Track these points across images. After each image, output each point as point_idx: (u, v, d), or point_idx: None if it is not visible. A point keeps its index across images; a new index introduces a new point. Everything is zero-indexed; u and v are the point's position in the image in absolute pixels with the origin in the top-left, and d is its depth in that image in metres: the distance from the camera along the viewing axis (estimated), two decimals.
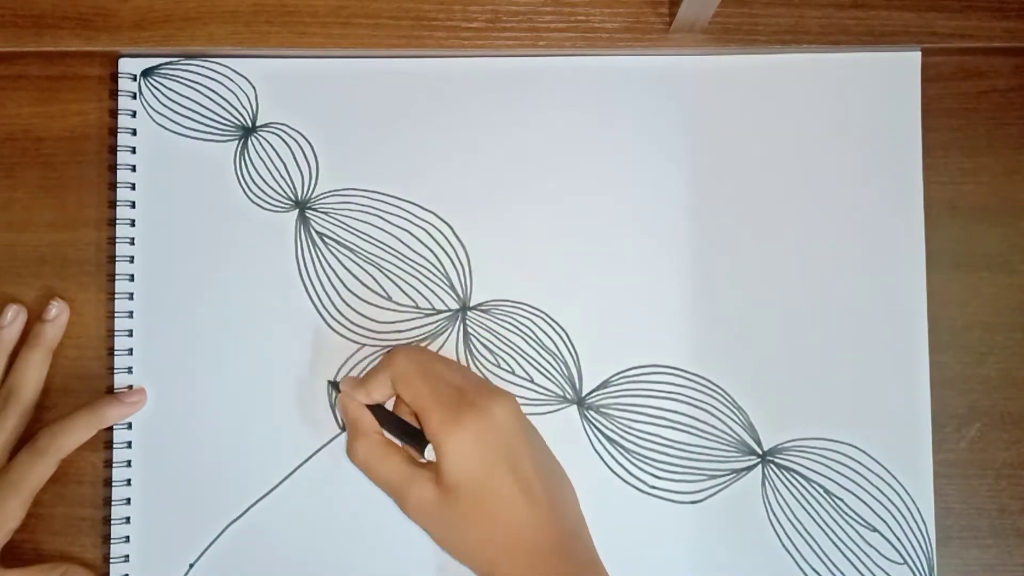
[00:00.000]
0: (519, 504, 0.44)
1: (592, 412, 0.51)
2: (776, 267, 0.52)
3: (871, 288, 0.51)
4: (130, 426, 0.50)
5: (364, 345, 0.51)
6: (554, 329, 0.51)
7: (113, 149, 0.52)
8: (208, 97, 0.52)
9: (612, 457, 0.51)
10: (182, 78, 0.52)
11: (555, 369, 0.51)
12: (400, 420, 0.47)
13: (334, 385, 0.50)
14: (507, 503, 0.43)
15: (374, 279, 0.52)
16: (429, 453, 0.44)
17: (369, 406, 0.48)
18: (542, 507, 0.44)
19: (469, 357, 0.51)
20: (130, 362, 0.51)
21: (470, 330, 0.51)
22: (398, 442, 0.47)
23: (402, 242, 0.52)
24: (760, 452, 0.51)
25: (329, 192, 0.52)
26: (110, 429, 0.50)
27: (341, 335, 0.51)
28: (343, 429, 0.51)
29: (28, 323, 0.51)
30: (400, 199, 0.52)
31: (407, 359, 0.46)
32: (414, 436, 0.46)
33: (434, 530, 0.45)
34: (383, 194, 0.52)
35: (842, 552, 0.50)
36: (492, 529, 0.43)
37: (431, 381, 0.45)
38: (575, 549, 0.44)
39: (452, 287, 0.52)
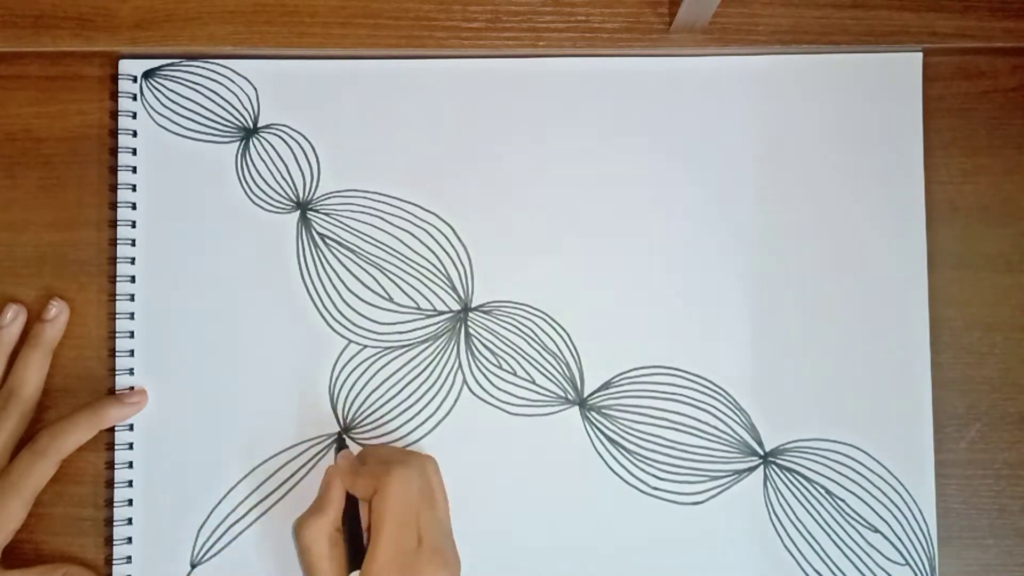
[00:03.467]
0: None
1: (594, 413, 0.51)
2: (777, 267, 0.52)
3: (872, 288, 0.52)
4: (132, 427, 0.50)
5: (365, 347, 0.51)
6: (556, 330, 0.51)
7: (114, 150, 0.52)
8: (209, 98, 0.52)
9: (614, 458, 0.51)
10: (183, 79, 0.52)
11: (557, 370, 0.51)
12: (358, 528, 0.46)
13: (340, 440, 0.50)
14: None
15: (375, 280, 0.52)
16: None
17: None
18: None
19: (471, 358, 0.51)
20: (131, 363, 0.51)
21: (472, 331, 0.51)
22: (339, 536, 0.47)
23: (404, 243, 0.52)
24: (762, 453, 0.51)
25: (330, 193, 0.52)
26: (112, 430, 0.50)
27: (343, 336, 0.51)
28: (342, 429, 0.51)
29: (28, 323, 0.51)
30: (401, 200, 0.52)
31: (400, 494, 0.44)
32: (355, 554, 0.45)
33: None
34: (384, 195, 0.52)
35: (844, 553, 0.50)
36: None
37: (402, 528, 0.44)
38: None
39: (454, 288, 0.52)
